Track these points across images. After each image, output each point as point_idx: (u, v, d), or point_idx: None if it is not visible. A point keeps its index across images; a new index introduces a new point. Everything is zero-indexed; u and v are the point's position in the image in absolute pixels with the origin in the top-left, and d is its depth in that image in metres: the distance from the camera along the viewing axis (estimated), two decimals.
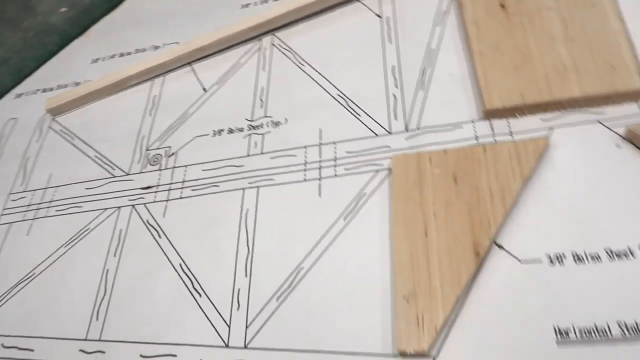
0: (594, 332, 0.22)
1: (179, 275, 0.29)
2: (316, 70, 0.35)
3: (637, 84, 0.27)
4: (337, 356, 0.24)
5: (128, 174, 0.35)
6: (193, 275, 0.29)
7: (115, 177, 0.35)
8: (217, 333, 0.26)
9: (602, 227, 0.24)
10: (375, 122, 0.31)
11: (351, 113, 0.32)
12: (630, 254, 0.23)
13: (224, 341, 0.26)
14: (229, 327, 0.26)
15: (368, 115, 0.32)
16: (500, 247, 0.25)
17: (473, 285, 0.24)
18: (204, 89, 0.37)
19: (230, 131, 0.34)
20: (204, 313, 0.27)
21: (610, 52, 0.29)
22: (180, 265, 0.29)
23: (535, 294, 0.23)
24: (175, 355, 0.26)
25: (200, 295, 0.28)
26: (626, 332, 0.22)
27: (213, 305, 0.27)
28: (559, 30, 0.31)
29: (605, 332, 0.22)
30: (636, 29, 0.29)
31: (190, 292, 0.28)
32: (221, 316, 0.27)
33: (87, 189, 0.35)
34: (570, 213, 0.25)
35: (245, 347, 0.26)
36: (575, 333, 0.22)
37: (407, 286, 0.24)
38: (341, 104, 0.33)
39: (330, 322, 0.25)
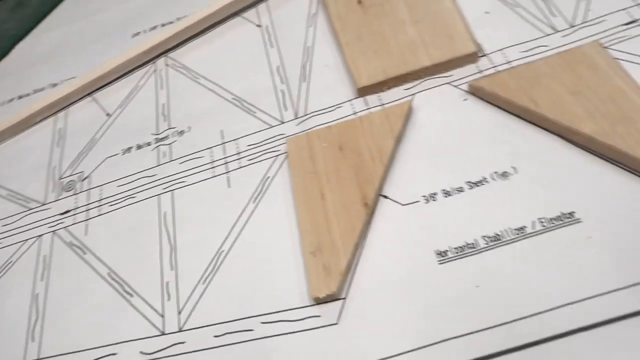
0: (466, 247, 0.26)
1: (109, 283, 0.31)
2: (210, 81, 0.38)
3: (472, 48, 0.33)
4: (264, 317, 0.27)
5: (44, 204, 0.36)
6: (123, 281, 0.30)
7: (31, 209, 0.36)
8: (153, 324, 0.28)
9: (461, 166, 0.29)
10: (269, 115, 0.35)
11: (247, 112, 0.36)
12: (485, 181, 0.28)
13: (159, 330, 0.28)
14: (163, 317, 0.28)
15: (262, 111, 0.35)
16: (385, 197, 0.29)
17: (367, 232, 0.28)
18: (108, 114, 0.39)
19: (139, 147, 0.36)
20: (138, 311, 0.29)
21: (447, 26, 0.34)
22: (109, 274, 0.31)
23: (417, 228, 0.27)
24: (115, 354, 0.28)
25: (132, 296, 0.30)
26: (489, 242, 0.26)
27: (145, 301, 0.29)
28: (406, 14, 0.36)
29: (474, 245, 0.26)
30: (463, 5, 0.35)
31: (122, 295, 0.30)
32: (154, 309, 0.29)
33: (3, 225, 0.35)
34: (436, 159, 0.30)
35: (180, 330, 0.28)
36: (451, 252, 0.26)
37: (313, 243, 0.28)
38: (237, 106, 0.36)
39: (254, 290, 0.28)
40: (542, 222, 0.26)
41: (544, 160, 0.28)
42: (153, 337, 0.28)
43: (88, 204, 0.34)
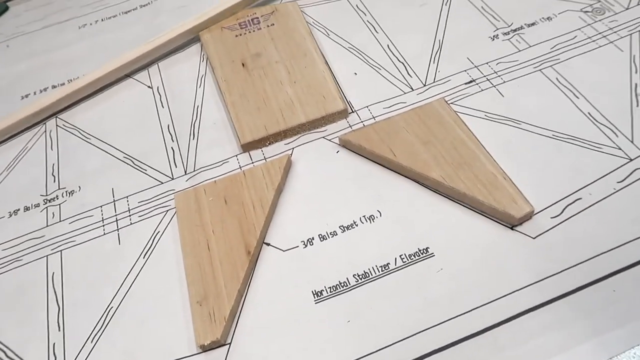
0: (339, 286, 0.28)
1: None
2: (102, 141, 0.39)
3: (341, 106, 0.36)
4: None
5: None
6: (6, 347, 0.29)
7: None
8: None
9: (335, 211, 0.31)
10: (159, 172, 0.36)
11: (138, 169, 0.36)
12: (355, 225, 0.31)
13: None
14: None
15: (152, 168, 0.36)
16: (267, 244, 0.31)
17: (251, 278, 0.29)
18: None
19: (27, 209, 0.35)
20: None
21: (320, 86, 0.37)
22: None
23: (296, 271, 0.29)
24: None
25: None
26: (359, 279, 0.28)
27: None
28: (285, 76, 0.39)
29: (347, 283, 0.28)
30: (335, 67, 0.39)
31: None
32: None
33: None
34: (313, 207, 0.32)
35: None
36: (326, 291, 0.28)
37: (199, 293, 0.28)
38: (128, 164, 0.37)
39: (143, 343, 0.28)
40: (402, 258, 0.29)
41: (402, 203, 0.31)
42: None
43: None
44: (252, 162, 0.35)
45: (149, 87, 0.42)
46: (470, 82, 0.37)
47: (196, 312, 0.28)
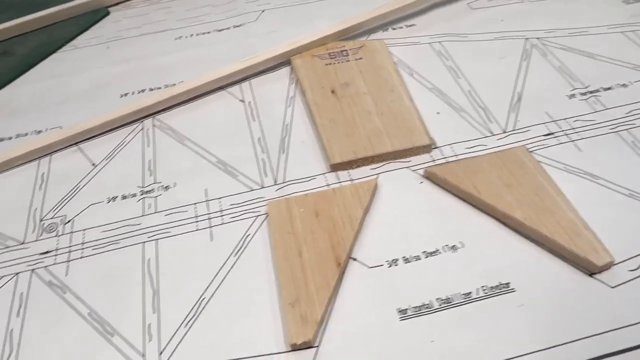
0: (423, 307, 0.30)
1: (89, 322, 0.31)
2: (196, 144, 0.41)
3: (427, 141, 0.38)
4: None
5: (23, 243, 0.35)
6: (104, 320, 0.31)
7: (8, 247, 0.35)
8: None
9: (418, 237, 0.33)
10: (250, 179, 0.38)
11: (230, 175, 0.38)
12: (438, 252, 0.32)
13: None
14: (144, 356, 0.29)
15: (244, 175, 0.38)
16: (354, 259, 0.32)
17: (339, 288, 0.31)
18: (93, 164, 0.40)
19: (124, 197, 0.38)
20: (118, 350, 0.29)
21: (407, 120, 0.40)
22: (89, 314, 0.31)
23: (382, 288, 0.31)
24: None
25: (112, 336, 0.30)
26: (442, 303, 0.30)
27: (126, 341, 0.30)
28: (372, 107, 0.41)
29: (429, 306, 0.30)
30: (418, 105, 0.41)
31: (102, 335, 0.30)
32: (135, 349, 0.29)
33: None
34: (397, 230, 0.34)
35: None
36: (411, 310, 0.30)
37: (291, 295, 0.30)
38: (220, 169, 0.39)
39: (234, 336, 0.29)
40: (484, 289, 0.30)
41: (484, 237, 0.33)
42: None
43: (70, 246, 0.35)
44: (340, 182, 0.37)
45: (241, 100, 0.45)
46: (549, 134, 0.39)
47: (288, 313, 0.29)
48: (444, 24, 0.51)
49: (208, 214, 0.36)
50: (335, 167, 0.38)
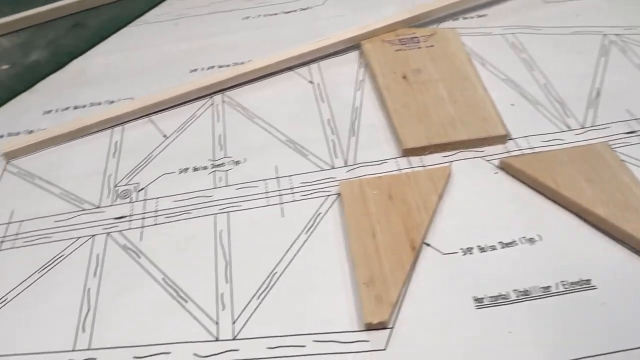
0: (499, 297, 0.29)
1: (163, 287, 0.31)
2: (265, 122, 0.41)
3: (502, 131, 0.37)
4: (316, 336, 0.28)
5: (99, 207, 0.36)
6: (177, 286, 0.31)
7: (84, 210, 0.36)
8: (207, 330, 0.29)
9: (493, 227, 0.32)
10: (321, 159, 0.38)
11: (300, 154, 0.38)
12: (515, 243, 0.31)
13: (213, 336, 0.29)
14: (217, 324, 0.29)
15: (314, 155, 0.38)
16: (427, 244, 0.32)
17: (412, 272, 0.30)
18: (165, 136, 0.41)
19: (195, 169, 0.38)
20: (192, 315, 0.30)
21: (481, 109, 0.39)
22: (163, 279, 0.32)
23: (456, 275, 0.30)
24: (168, 353, 0.28)
25: (186, 302, 0.30)
26: (519, 295, 0.29)
27: (200, 308, 0.30)
28: (445, 94, 0.40)
29: (506, 296, 0.29)
30: (492, 95, 0.40)
31: (176, 299, 0.30)
32: (208, 316, 0.30)
33: (56, 221, 0.36)
34: (471, 219, 0.33)
35: (234, 338, 0.29)
36: (487, 299, 0.29)
37: (365, 275, 0.30)
38: (290, 147, 0.39)
39: (306, 311, 0.29)
40: (564, 284, 0.29)
41: (563, 232, 0.32)
42: (207, 341, 0.29)
43: (144, 213, 0.35)
44: (411, 167, 0.36)
45: (309, 81, 0.44)
46: (631, 132, 0.37)
47: (363, 292, 0.29)
48: (517, 16, 0.49)
49: (279, 190, 0.36)
50: (407, 152, 0.37)
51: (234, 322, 0.29)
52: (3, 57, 0.52)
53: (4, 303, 0.31)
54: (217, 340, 0.29)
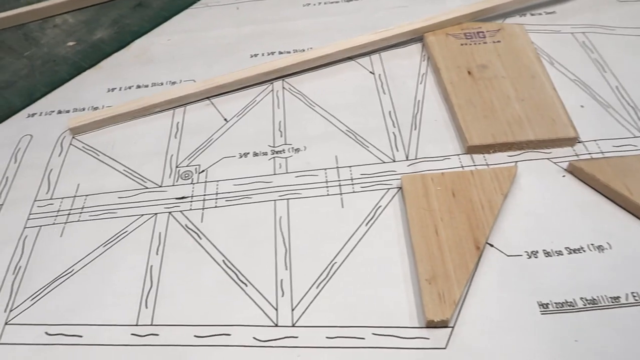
0: (565, 304, 0.28)
1: (223, 269, 0.32)
2: (325, 110, 0.41)
3: (572, 133, 0.36)
4: (375, 329, 0.28)
5: (161, 186, 0.37)
6: (237, 269, 0.31)
7: (147, 188, 0.37)
8: (266, 315, 0.29)
9: (560, 232, 0.31)
10: (381, 152, 0.37)
11: (360, 144, 0.38)
12: (582, 250, 0.30)
13: (273, 321, 0.29)
14: (277, 310, 0.29)
15: (374, 146, 0.38)
16: (491, 245, 0.31)
17: (475, 272, 0.30)
18: (225, 119, 0.41)
19: (255, 154, 0.38)
20: (252, 299, 0.30)
21: (550, 110, 0.37)
22: (224, 261, 0.32)
23: (521, 278, 0.29)
24: (229, 335, 0.29)
25: (246, 285, 0.31)
26: (587, 303, 0.28)
27: (259, 292, 0.30)
28: (512, 92, 0.39)
29: (574, 304, 0.28)
30: (563, 95, 0.38)
31: (236, 282, 0.31)
32: (268, 301, 0.30)
33: (119, 197, 0.36)
34: (537, 222, 0.32)
35: (294, 325, 0.29)
36: (552, 305, 0.28)
37: (428, 271, 0.29)
38: (351, 137, 0.38)
39: (366, 303, 0.29)
40: (634, 295, 0.28)
41: (635, 242, 0.30)
42: (266, 326, 0.29)
43: (205, 195, 0.36)
44: (475, 165, 0.36)
45: (370, 72, 0.44)
46: None
47: (425, 289, 0.29)
48: (588, 15, 0.47)
49: (338, 180, 0.36)
50: (471, 150, 0.36)
51: (293, 309, 0.29)
52: (70, 34, 0.53)
53: (71, 274, 0.32)
54: (276, 325, 0.29)
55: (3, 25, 0.55)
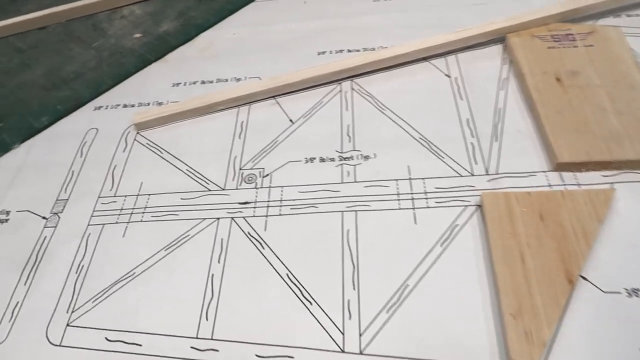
0: None
1: (287, 284, 0.30)
2: (397, 115, 0.38)
3: None
4: None
5: (224, 189, 0.35)
6: (302, 285, 0.30)
7: (210, 190, 0.35)
8: (333, 339, 0.27)
9: None
10: (458, 164, 0.34)
11: (435, 154, 0.35)
12: None
13: (339, 347, 0.27)
14: (343, 334, 0.27)
15: (450, 157, 0.35)
16: (584, 278, 0.28)
17: (567, 309, 0.26)
18: (291, 121, 0.39)
19: (322, 160, 0.36)
20: (317, 320, 0.28)
21: None
22: (287, 275, 0.30)
23: (620, 321, 0.26)
24: (292, 357, 0.27)
25: (311, 304, 0.29)
26: None
27: (325, 313, 0.28)
28: (607, 103, 0.35)
29: None
30: None
31: (301, 300, 0.29)
32: (334, 324, 0.28)
33: (182, 199, 0.35)
34: (638, 255, 0.28)
35: (361, 353, 0.26)
36: None
37: (513, 305, 0.26)
38: (424, 145, 0.36)
39: (440, 334, 0.27)
40: None
41: None
42: (332, 351, 0.27)
43: (269, 201, 0.34)
44: (564, 184, 0.32)
45: (446, 75, 0.41)
46: None
47: (510, 325, 0.26)
48: None
49: (411, 193, 0.33)
50: (561, 167, 0.33)
51: (361, 335, 0.27)
52: (136, 25, 0.52)
53: (132, 277, 0.31)
54: (342, 351, 0.27)
55: (73, 15, 0.55)
